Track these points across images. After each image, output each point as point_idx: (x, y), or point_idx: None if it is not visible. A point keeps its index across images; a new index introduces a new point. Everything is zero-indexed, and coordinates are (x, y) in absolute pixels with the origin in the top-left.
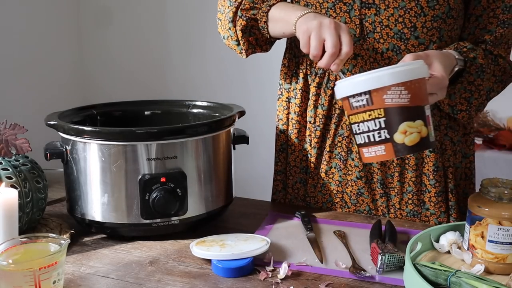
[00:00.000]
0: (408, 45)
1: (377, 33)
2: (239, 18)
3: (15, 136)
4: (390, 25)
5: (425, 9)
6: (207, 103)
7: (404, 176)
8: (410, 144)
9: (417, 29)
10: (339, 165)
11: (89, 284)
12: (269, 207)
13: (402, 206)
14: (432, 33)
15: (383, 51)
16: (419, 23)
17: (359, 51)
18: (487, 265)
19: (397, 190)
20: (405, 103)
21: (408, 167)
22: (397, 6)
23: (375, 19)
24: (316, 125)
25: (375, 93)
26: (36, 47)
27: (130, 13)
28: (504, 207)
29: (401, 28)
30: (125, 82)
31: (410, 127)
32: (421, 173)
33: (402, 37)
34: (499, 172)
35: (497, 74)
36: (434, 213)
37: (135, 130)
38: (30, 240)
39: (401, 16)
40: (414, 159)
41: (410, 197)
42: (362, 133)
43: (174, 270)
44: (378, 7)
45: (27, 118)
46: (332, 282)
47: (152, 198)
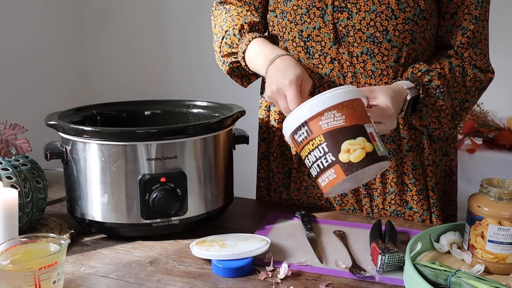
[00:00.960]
0: (382, 48)
1: (351, 37)
2: (222, 64)
3: (15, 136)
4: (363, 29)
5: (396, 12)
6: (207, 103)
7: (385, 177)
8: (356, 160)
9: (389, 32)
10: None
11: (89, 284)
12: (269, 207)
13: (386, 206)
14: (405, 36)
15: (357, 54)
16: (391, 26)
17: (335, 55)
18: (487, 265)
19: (380, 191)
20: (341, 124)
21: (389, 168)
22: (368, 9)
23: (348, 23)
24: None
25: (311, 122)
26: (36, 47)
27: (130, 13)
28: (504, 207)
29: (373, 31)
30: (125, 82)
31: (352, 144)
32: (401, 173)
33: (375, 40)
34: (499, 172)
35: (467, 85)
36: (417, 212)
37: (135, 130)
38: (30, 240)
39: (372, 19)
40: (394, 160)
41: (393, 198)
42: (313, 164)
43: (174, 270)
44: (350, 11)
45: (27, 118)
46: (332, 282)
47: (152, 198)
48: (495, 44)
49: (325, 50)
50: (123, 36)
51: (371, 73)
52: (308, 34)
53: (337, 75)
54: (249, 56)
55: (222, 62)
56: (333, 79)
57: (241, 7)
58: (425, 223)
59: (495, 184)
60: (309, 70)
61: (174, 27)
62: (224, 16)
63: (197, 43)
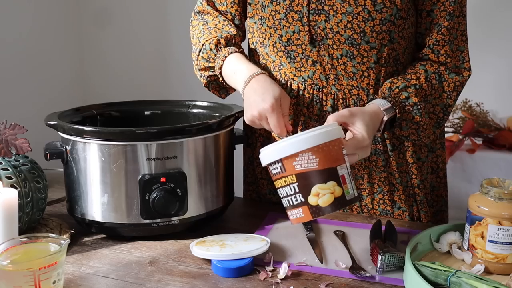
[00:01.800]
0: (360, 50)
1: (329, 39)
2: (200, 77)
3: (15, 136)
4: (340, 31)
5: (372, 13)
6: (207, 103)
7: (373, 177)
8: (324, 205)
9: (366, 34)
10: None
11: (89, 284)
12: (269, 207)
13: (375, 206)
14: (382, 37)
15: (338, 56)
16: (368, 28)
17: (316, 57)
18: (487, 265)
19: (368, 191)
20: (314, 167)
21: (376, 169)
22: (344, 11)
23: (326, 26)
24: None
25: (286, 161)
26: (36, 48)
27: (130, 13)
28: (504, 207)
29: (351, 33)
30: (125, 82)
31: (322, 189)
32: (388, 174)
33: (353, 42)
34: (499, 172)
35: (446, 90)
36: (406, 210)
37: (135, 130)
38: (30, 240)
39: (349, 21)
40: (381, 160)
41: (381, 197)
42: (284, 197)
43: (174, 270)
44: (328, 13)
45: (27, 118)
46: (332, 282)
47: (152, 198)
48: (495, 45)
49: (306, 53)
50: (123, 36)
51: (352, 75)
52: (288, 38)
53: (320, 77)
54: (226, 72)
55: (199, 75)
56: (316, 82)
57: (218, 17)
58: (414, 220)
59: (495, 184)
60: (292, 73)
61: (174, 27)
62: (201, 27)
63: None
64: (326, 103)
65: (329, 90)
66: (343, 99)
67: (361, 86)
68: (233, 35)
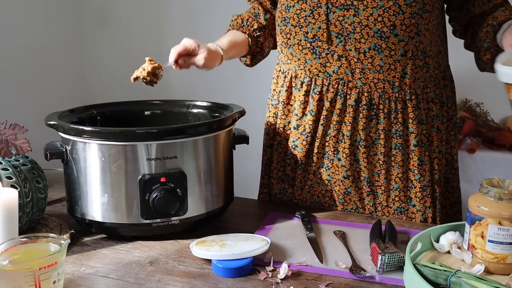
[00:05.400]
0: (389, 43)
1: (357, 33)
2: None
3: (15, 136)
4: (370, 24)
5: (403, 7)
6: (207, 103)
7: (390, 173)
8: None
9: (396, 27)
10: (327, 164)
11: (89, 284)
12: (269, 207)
13: (389, 203)
14: (411, 30)
15: (365, 50)
16: (398, 21)
17: (342, 52)
18: (487, 265)
19: (384, 188)
20: None
21: (395, 164)
22: (375, 6)
23: (354, 20)
24: (306, 132)
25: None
26: (36, 48)
27: (129, 13)
28: (504, 207)
29: (380, 27)
30: (125, 82)
31: None
32: (407, 169)
33: (382, 35)
34: (499, 172)
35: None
36: (420, 210)
37: (135, 130)
38: (30, 240)
39: (380, 15)
40: (400, 155)
41: (397, 194)
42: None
43: (174, 270)
44: (357, 7)
45: (27, 118)
46: (332, 282)
47: (152, 198)
48: None
49: (331, 48)
50: (123, 36)
51: (379, 68)
52: (314, 34)
53: (345, 71)
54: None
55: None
56: (341, 76)
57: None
58: (427, 222)
59: (495, 184)
60: (317, 69)
61: (173, 27)
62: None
63: None
64: (349, 97)
65: (354, 84)
66: (368, 93)
67: (387, 79)
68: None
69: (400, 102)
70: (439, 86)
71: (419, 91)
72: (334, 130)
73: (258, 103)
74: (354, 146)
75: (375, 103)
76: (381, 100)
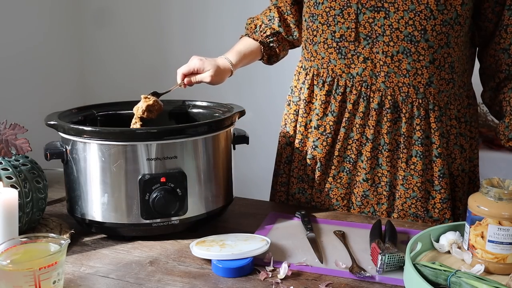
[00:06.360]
0: (419, 47)
1: (386, 36)
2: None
3: (15, 136)
4: (401, 27)
5: (435, 12)
6: (207, 103)
7: (409, 181)
8: None
9: (427, 31)
10: (349, 167)
11: (89, 284)
12: (269, 207)
13: (405, 208)
14: (441, 38)
15: (393, 53)
16: (429, 26)
17: (368, 54)
18: (487, 265)
19: (401, 193)
20: None
21: (414, 173)
22: (406, 9)
23: (384, 22)
24: (327, 132)
25: None
26: (36, 47)
27: (129, 13)
28: (504, 207)
29: (411, 30)
30: (125, 82)
31: None
32: (426, 180)
33: (412, 39)
34: (499, 172)
35: None
36: (438, 220)
37: (135, 130)
38: (30, 240)
39: (411, 18)
40: (421, 164)
41: (414, 202)
42: None
43: (174, 270)
44: (388, 10)
45: (27, 118)
46: (332, 282)
47: (152, 198)
48: None
49: (358, 50)
50: (123, 36)
51: (405, 72)
52: (341, 34)
53: (369, 74)
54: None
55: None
56: (365, 79)
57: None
58: None
59: (495, 184)
60: (340, 70)
61: (173, 27)
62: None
63: (197, 43)
64: (373, 100)
65: (378, 87)
66: (392, 96)
67: (413, 84)
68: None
69: (423, 109)
70: (463, 105)
71: (442, 105)
72: (357, 134)
73: (258, 103)
74: (378, 150)
75: (398, 106)
76: (404, 104)
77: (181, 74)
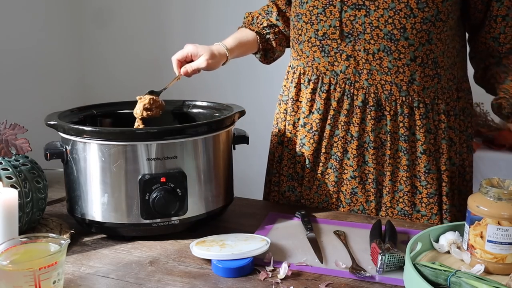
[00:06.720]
0: (399, 45)
1: (367, 34)
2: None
3: (15, 136)
4: (380, 26)
5: (415, 10)
6: (207, 103)
7: (396, 175)
8: None
9: (406, 30)
10: (335, 165)
11: (89, 284)
12: (270, 207)
13: (393, 204)
14: (421, 35)
15: (374, 51)
16: (409, 24)
17: (351, 52)
18: (486, 265)
19: (389, 189)
20: None
21: (401, 166)
22: (386, 7)
23: (365, 20)
24: (313, 130)
25: None
26: (36, 47)
27: (130, 13)
28: (503, 207)
29: (391, 29)
30: (125, 82)
31: None
32: (412, 175)
33: (392, 38)
34: (499, 172)
35: None
36: (425, 215)
37: (135, 130)
38: (30, 240)
39: (390, 17)
40: (405, 159)
41: (401, 196)
42: None
43: (174, 270)
44: (368, 8)
45: (27, 118)
46: (332, 282)
47: (152, 198)
48: None
49: (340, 48)
50: (123, 36)
51: (387, 70)
52: (324, 32)
53: (353, 72)
54: None
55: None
56: (349, 76)
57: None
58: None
59: (495, 184)
60: (324, 68)
61: (174, 27)
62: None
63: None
64: (356, 98)
65: (361, 84)
66: (375, 94)
67: (395, 82)
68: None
69: (407, 107)
70: (452, 98)
71: (428, 101)
72: (342, 131)
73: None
74: (363, 147)
75: (382, 104)
76: (387, 102)
77: (176, 61)
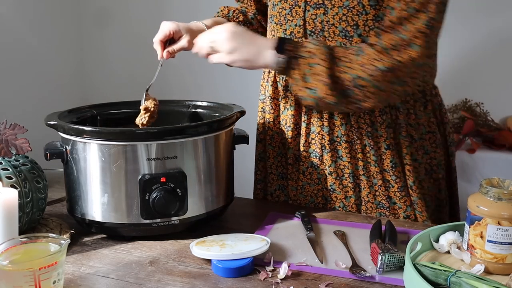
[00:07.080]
0: (353, 43)
1: (326, 32)
2: None
3: (15, 136)
4: (336, 23)
5: (367, 7)
6: (207, 103)
7: (369, 169)
8: None
9: (359, 27)
10: (316, 162)
11: (89, 284)
12: (270, 207)
13: (371, 199)
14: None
15: None
16: (361, 21)
17: None
18: (486, 265)
19: (365, 183)
20: None
21: (371, 161)
22: (341, 5)
23: (323, 18)
24: (287, 126)
25: None
26: (36, 47)
27: (130, 13)
28: (503, 207)
29: (345, 26)
30: (125, 82)
31: None
32: (382, 170)
33: (346, 34)
34: (499, 172)
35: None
36: (401, 207)
37: (135, 130)
38: (30, 240)
39: (344, 14)
40: (372, 154)
41: (377, 190)
42: None
43: (174, 270)
44: (326, 7)
45: (27, 118)
46: (332, 282)
47: (152, 198)
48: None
49: None
50: (123, 35)
51: None
52: (291, 31)
53: None
54: None
55: None
56: None
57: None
58: (410, 218)
59: (495, 184)
60: None
61: None
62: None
63: None
64: None
65: None
66: None
67: None
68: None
69: None
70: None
71: None
72: (317, 127)
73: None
74: (336, 142)
75: None
76: None
77: (158, 42)
